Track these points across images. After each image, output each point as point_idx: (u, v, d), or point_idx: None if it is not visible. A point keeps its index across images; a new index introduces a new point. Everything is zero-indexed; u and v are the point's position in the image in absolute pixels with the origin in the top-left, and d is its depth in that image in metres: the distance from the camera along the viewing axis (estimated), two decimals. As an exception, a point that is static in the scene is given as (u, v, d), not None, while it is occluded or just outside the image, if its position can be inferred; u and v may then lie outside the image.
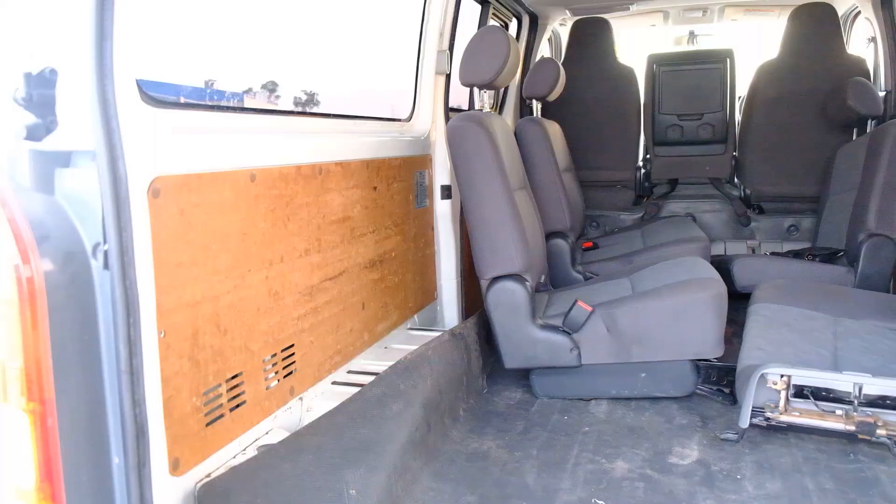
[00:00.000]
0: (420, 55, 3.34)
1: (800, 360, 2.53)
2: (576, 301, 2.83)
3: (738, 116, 5.23)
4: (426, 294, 3.34)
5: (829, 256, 4.05)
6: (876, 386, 2.24)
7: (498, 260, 2.84)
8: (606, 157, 5.33)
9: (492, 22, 4.34)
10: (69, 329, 1.30)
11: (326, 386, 2.42)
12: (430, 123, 3.35)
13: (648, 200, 5.32)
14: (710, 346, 2.77)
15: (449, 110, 3.56)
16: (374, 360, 2.69)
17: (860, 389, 2.25)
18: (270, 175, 2.06)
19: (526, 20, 4.99)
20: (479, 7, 4.16)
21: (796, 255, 4.15)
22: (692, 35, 6.16)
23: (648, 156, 5.29)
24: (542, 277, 3.39)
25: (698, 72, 5.05)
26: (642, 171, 5.32)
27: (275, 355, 2.12)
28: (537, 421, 2.72)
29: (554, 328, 2.85)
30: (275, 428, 2.09)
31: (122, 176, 1.34)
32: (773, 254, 4.43)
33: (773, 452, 2.40)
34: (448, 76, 3.44)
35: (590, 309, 2.80)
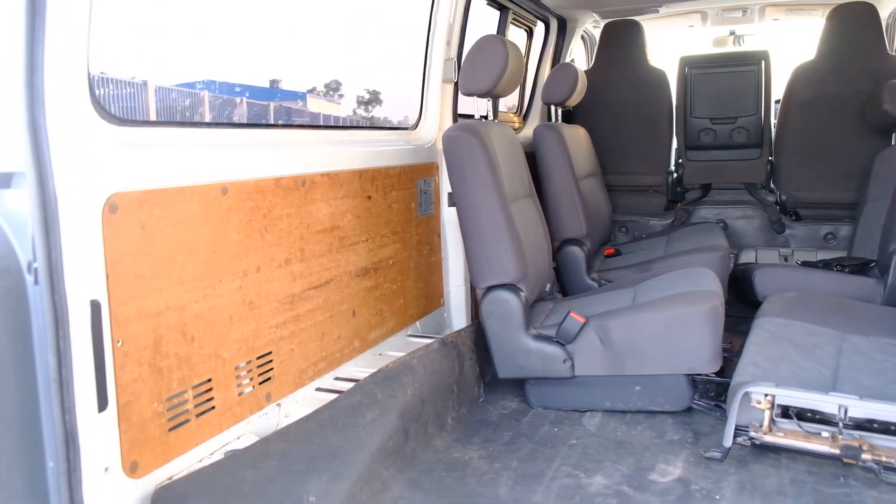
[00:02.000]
0: (427, 64, 3.37)
1: (795, 378, 2.45)
2: (569, 312, 2.81)
3: (774, 120, 5.09)
4: (430, 301, 3.36)
5: (860, 267, 3.90)
6: (861, 409, 2.16)
7: (492, 270, 2.85)
8: (637, 162, 5.26)
9: (512, 28, 4.33)
10: (3, 341, 1.38)
11: (309, 392, 2.47)
12: (437, 131, 3.37)
13: (679, 206, 5.22)
14: (705, 361, 2.71)
15: (458, 117, 3.58)
16: (366, 367, 2.73)
17: (845, 412, 2.18)
18: (245, 188, 2.12)
19: (554, 24, 4.96)
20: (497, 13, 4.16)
21: (826, 265, 4.01)
22: (737, 36, 6.00)
23: (680, 160, 5.20)
24: (548, 286, 3.37)
25: (732, 74, 4.93)
26: (674, 175, 5.23)
27: (249, 362, 2.18)
28: (525, 432, 2.72)
29: (547, 339, 2.84)
30: (247, 433, 2.15)
31: (51, 196, 1.42)
32: (803, 263, 4.28)
33: (759, 473, 2.34)
34: (456, 84, 3.45)
35: (582, 320, 2.78)
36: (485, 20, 4.28)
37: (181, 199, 1.89)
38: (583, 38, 5.69)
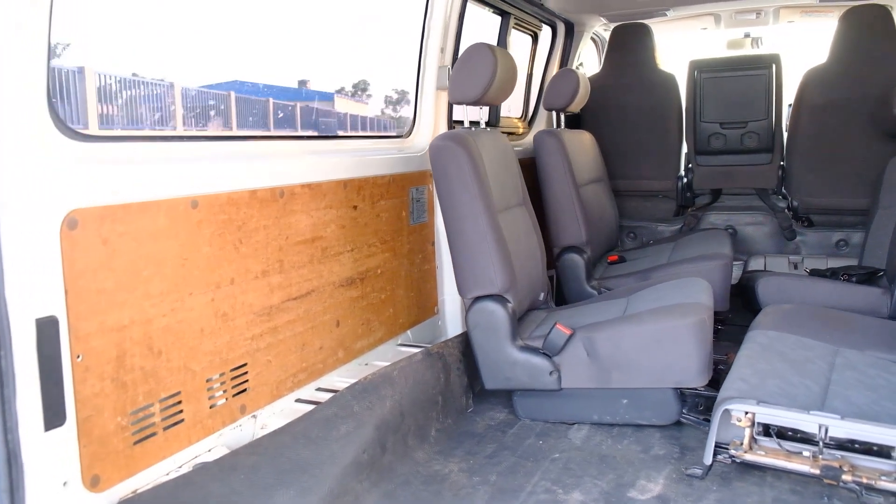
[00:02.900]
0: (420, 71, 3.36)
1: (783, 394, 2.40)
2: (555, 324, 2.78)
3: (786, 124, 4.99)
4: (423, 309, 3.35)
5: (868, 276, 3.81)
6: (842, 428, 2.10)
7: (478, 280, 2.82)
8: (646, 167, 5.19)
9: (514, 33, 4.30)
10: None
11: (288, 403, 2.47)
12: (431, 139, 3.35)
13: (688, 212, 5.15)
14: (692, 375, 2.66)
15: (454, 125, 3.56)
16: (350, 378, 2.72)
17: (826, 431, 2.12)
18: (217, 201, 2.12)
19: (561, 28, 4.93)
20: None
21: (833, 273, 3.92)
22: (754, 38, 5.89)
23: (690, 165, 5.12)
24: (542, 295, 3.34)
25: (742, 78, 4.84)
26: (684, 180, 5.15)
27: (223, 374, 2.18)
28: (509, 444, 2.69)
29: (534, 350, 2.81)
30: (218, 446, 2.15)
31: None
32: (812, 271, 4.20)
33: (741, 491, 2.29)
34: (450, 91, 3.43)
35: (568, 332, 2.75)
36: (487, 27, 4.26)
37: (146, 213, 1.90)
38: (594, 40, 5.64)
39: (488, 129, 3.20)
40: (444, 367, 2.85)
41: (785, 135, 4.91)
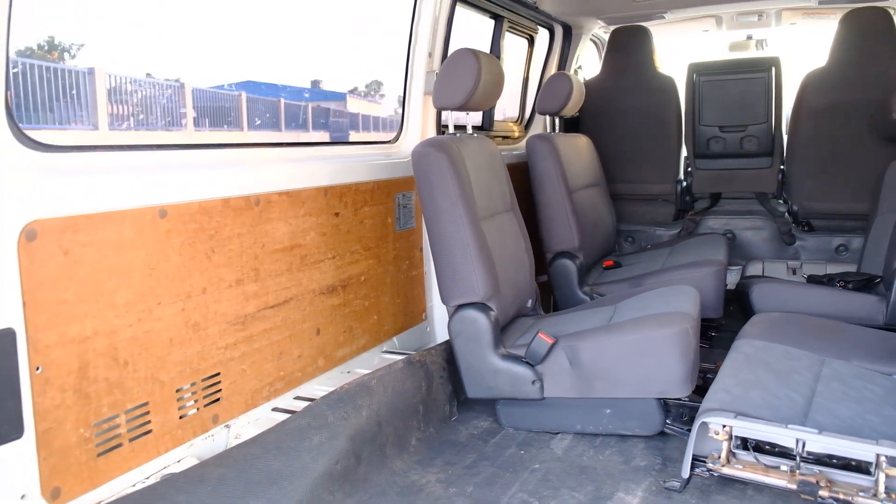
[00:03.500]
0: (408, 76, 3.33)
1: (766, 406, 2.36)
2: (537, 332, 2.75)
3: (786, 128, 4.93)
4: (410, 316, 3.33)
5: (866, 283, 3.75)
6: (819, 443, 2.06)
7: (460, 288, 2.80)
8: (645, 170, 5.15)
9: (508, 36, 4.27)
10: None
11: (264, 413, 2.46)
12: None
13: (687, 216, 5.10)
14: (675, 385, 2.62)
15: (443, 129, 3.53)
16: (331, 386, 2.70)
17: (803, 445, 2.08)
18: (187, 210, 2.11)
19: (559, 31, 4.89)
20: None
21: (830, 280, 3.87)
22: (758, 41, 5.81)
23: (689, 169, 5.07)
24: (530, 302, 3.31)
25: (741, 81, 4.79)
26: (683, 184, 5.10)
27: (194, 384, 2.17)
28: (490, 454, 2.67)
29: (516, 359, 2.78)
30: (188, 457, 2.14)
31: None
32: (810, 277, 4.14)
33: (720, 505, 2.26)
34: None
35: (551, 341, 2.72)
36: (482, 30, 4.23)
37: (111, 223, 1.89)
38: (595, 43, 5.59)
39: (475, 134, 3.17)
40: (426, 376, 2.83)
41: (785, 138, 4.84)
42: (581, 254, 3.95)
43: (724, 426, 2.19)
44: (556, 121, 4.39)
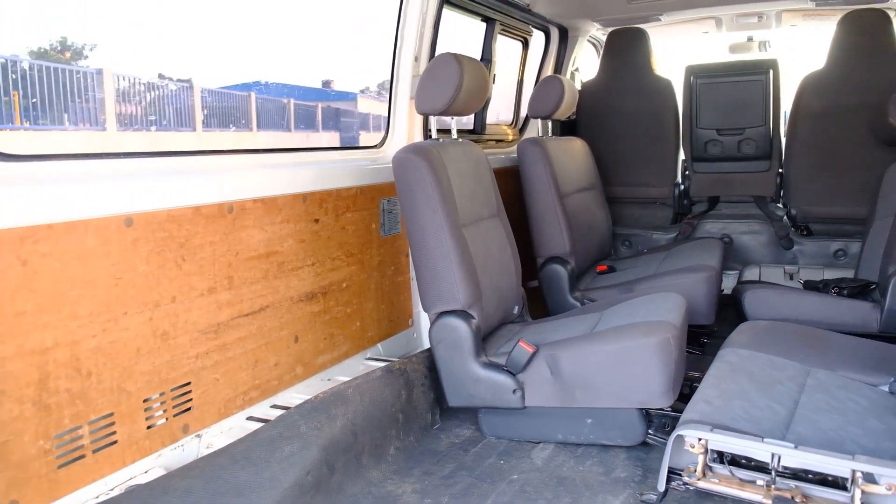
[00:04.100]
0: (394, 80, 3.30)
1: (747, 417, 2.31)
2: (518, 341, 2.71)
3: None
4: (395, 322, 3.30)
5: (861, 289, 3.69)
6: (795, 458, 2.01)
7: (441, 296, 2.77)
8: (643, 174, 5.10)
9: (500, 38, 4.24)
10: None
11: (238, 422, 2.44)
12: (404, 149, 3.30)
13: (684, 220, 5.04)
14: (656, 395, 2.58)
15: (429, 134, 3.50)
16: (310, 394, 2.67)
17: (779, 460, 2.04)
18: (155, 218, 2.09)
19: (555, 34, 4.85)
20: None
21: (825, 286, 3.80)
22: (761, 42, 5.74)
23: (687, 172, 5.01)
24: (516, 309, 3.27)
25: (739, 84, 4.73)
26: (681, 187, 5.05)
27: (163, 394, 2.15)
28: (469, 464, 2.63)
29: (497, 367, 2.75)
30: (156, 467, 2.12)
31: None
32: (806, 282, 4.08)
33: (697, 518, 2.22)
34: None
35: (531, 349, 2.68)
36: (471, 33, 4.20)
37: (73, 233, 1.87)
38: (594, 45, 5.54)
39: (460, 139, 3.14)
40: (406, 384, 2.80)
41: (783, 141, 4.78)
42: (572, 259, 3.91)
43: (700, 439, 2.14)
44: (549, 124, 4.34)
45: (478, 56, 4.22)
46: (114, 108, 15.02)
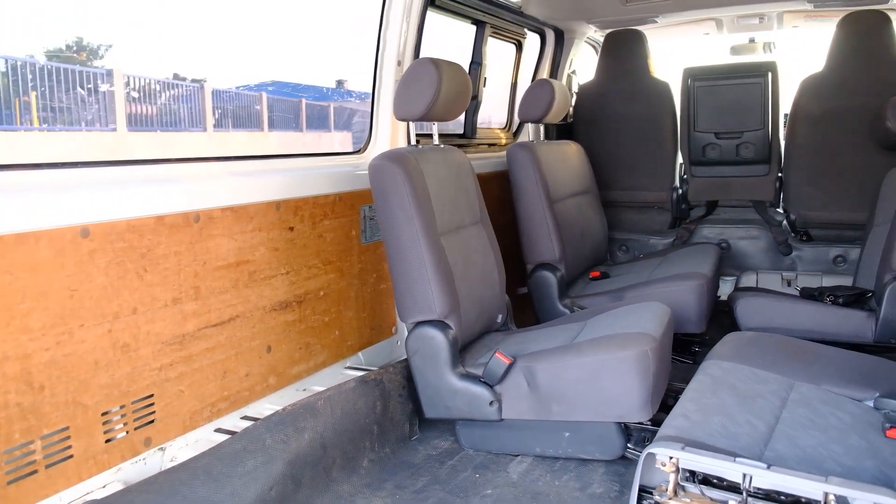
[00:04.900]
0: (376, 85, 3.26)
1: (725, 434, 2.25)
2: (495, 352, 2.66)
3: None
4: (377, 330, 3.26)
5: (857, 297, 3.60)
6: (766, 479, 1.95)
7: (417, 305, 2.72)
8: (640, 177, 5.03)
9: (490, 41, 4.18)
10: None
11: (205, 434, 2.40)
12: (387, 155, 3.25)
13: (682, 225, 4.96)
14: (634, 409, 2.52)
15: (417, 139, 3.45)
16: (283, 405, 2.63)
17: (750, 480, 1.97)
18: (114, 229, 2.05)
19: (551, 36, 4.79)
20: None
21: (821, 293, 3.72)
22: (766, 43, 5.64)
23: (685, 176, 4.93)
24: (500, 317, 3.22)
25: (736, 87, 4.64)
26: (679, 191, 4.96)
27: (123, 406, 2.12)
28: (443, 478, 2.58)
29: (474, 379, 2.69)
30: (114, 482, 2.09)
31: None
32: (802, 289, 3.99)
33: (670, 538, 2.15)
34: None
35: (508, 361, 2.63)
36: (462, 35, 4.15)
37: (24, 245, 1.84)
38: (594, 46, 5.47)
39: (442, 145, 3.08)
40: (381, 394, 2.75)
41: (783, 145, 4.69)
42: (562, 265, 3.85)
43: (672, 458, 2.08)
44: (541, 128, 4.28)
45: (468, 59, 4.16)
46: (124, 109, 15.09)
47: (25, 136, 13.50)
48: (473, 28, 4.09)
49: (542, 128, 4.26)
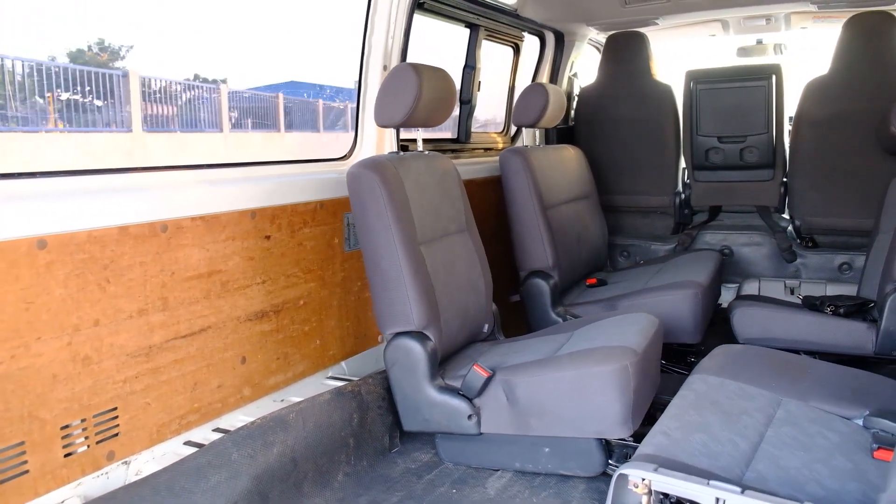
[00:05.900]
0: (361, 90, 3.20)
1: (706, 452, 2.17)
2: (473, 364, 2.60)
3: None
4: (362, 339, 3.20)
5: (858, 308, 3.49)
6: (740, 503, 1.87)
7: (394, 316, 2.67)
8: (642, 182, 4.93)
9: (485, 44, 4.11)
10: None
11: (174, 447, 2.36)
12: (372, 162, 3.20)
13: (684, 230, 4.86)
14: (613, 425, 2.45)
15: (406, 145, 3.40)
16: (257, 416, 2.59)
17: (723, 505, 1.89)
18: (73, 240, 2.02)
19: (551, 38, 4.71)
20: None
21: (822, 303, 3.61)
22: (777, 45, 5.50)
23: (688, 181, 4.84)
24: (486, 327, 3.15)
25: (740, 90, 4.53)
26: (682, 196, 4.87)
27: (84, 420, 2.08)
28: (419, 493, 2.53)
29: (453, 391, 2.63)
30: (73, 497, 2.05)
31: None
32: (805, 298, 3.88)
33: (645, 561, 2.07)
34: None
35: (486, 374, 2.57)
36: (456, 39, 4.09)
37: None
38: (597, 48, 5.39)
39: (426, 151, 3.03)
40: (359, 406, 2.70)
41: (787, 149, 4.58)
42: (556, 273, 3.77)
43: (644, 479, 2.00)
44: (536, 132, 4.20)
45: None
46: (139, 110, 15.19)
47: (44, 137, 13.63)
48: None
49: (537, 132, 4.18)
